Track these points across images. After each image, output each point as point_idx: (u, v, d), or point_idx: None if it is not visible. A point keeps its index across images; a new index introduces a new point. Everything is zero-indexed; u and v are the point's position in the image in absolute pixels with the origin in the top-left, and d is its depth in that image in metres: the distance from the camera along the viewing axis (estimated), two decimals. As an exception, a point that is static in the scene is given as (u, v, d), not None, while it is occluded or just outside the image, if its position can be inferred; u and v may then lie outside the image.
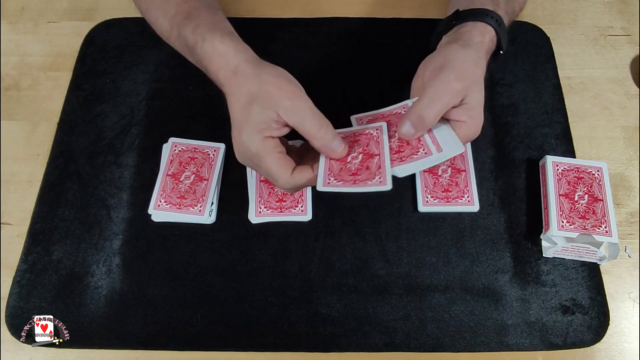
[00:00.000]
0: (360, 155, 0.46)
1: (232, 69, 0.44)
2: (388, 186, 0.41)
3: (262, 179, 0.56)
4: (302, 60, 0.65)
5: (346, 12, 0.69)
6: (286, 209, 0.55)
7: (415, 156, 0.44)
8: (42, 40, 0.68)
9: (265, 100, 0.42)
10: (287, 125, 0.43)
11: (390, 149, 0.45)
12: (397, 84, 0.50)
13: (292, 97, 0.42)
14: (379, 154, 0.46)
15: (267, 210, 0.55)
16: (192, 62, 0.50)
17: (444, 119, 0.45)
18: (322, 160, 0.45)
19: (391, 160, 0.44)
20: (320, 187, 0.44)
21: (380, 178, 0.44)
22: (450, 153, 0.43)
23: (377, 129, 0.46)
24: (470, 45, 0.47)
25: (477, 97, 0.45)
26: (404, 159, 0.44)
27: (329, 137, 0.43)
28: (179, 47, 0.51)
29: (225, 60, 0.45)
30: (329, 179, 0.44)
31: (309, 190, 0.56)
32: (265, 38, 0.66)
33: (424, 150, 0.44)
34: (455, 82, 0.43)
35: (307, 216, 0.55)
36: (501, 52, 0.51)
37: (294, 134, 0.44)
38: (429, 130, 0.45)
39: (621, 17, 0.69)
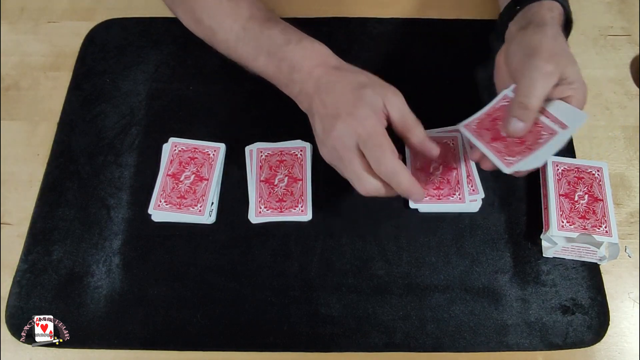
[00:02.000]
0: (286, 178, 0.54)
1: (334, 65, 0.47)
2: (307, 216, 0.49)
3: (262, 179, 0.56)
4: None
5: (346, 12, 0.69)
6: (286, 209, 0.55)
7: (540, 141, 0.43)
8: (42, 40, 0.68)
9: (375, 88, 0.45)
10: (387, 116, 0.45)
11: (505, 146, 0.45)
12: (399, 84, 0.50)
13: (396, 92, 0.46)
14: (301, 179, 0.52)
15: (267, 210, 0.55)
16: (259, 64, 0.49)
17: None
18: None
19: (515, 154, 0.44)
20: (252, 219, 0.53)
21: (302, 207, 0.51)
22: (577, 124, 0.42)
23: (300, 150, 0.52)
24: (544, 24, 0.47)
25: (574, 70, 0.45)
26: (531, 147, 0.43)
27: (425, 134, 0.46)
28: (248, 49, 0.50)
29: (326, 57, 0.48)
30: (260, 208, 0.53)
31: (309, 190, 0.55)
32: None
33: (547, 132, 0.43)
34: (547, 65, 0.44)
35: (307, 216, 0.55)
36: (571, 23, 0.51)
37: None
38: (545, 112, 0.45)
39: (621, 17, 0.69)
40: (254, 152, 0.58)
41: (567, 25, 0.51)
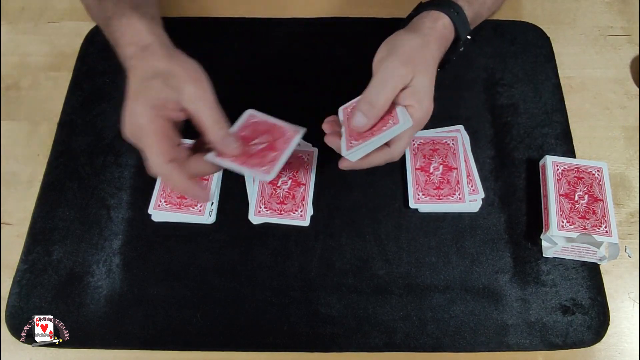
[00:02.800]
0: (290, 181, 0.55)
1: (143, 46, 0.44)
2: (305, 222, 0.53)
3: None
4: (298, 60, 0.65)
5: (345, 12, 0.69)
6: (285, 212, 0.54)
7: (384, 128, 0.44)
8: (42, 40, 0.68)
9: (168, 78, 0.41)
10: (183, 110, 0.42)
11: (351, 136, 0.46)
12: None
13: (197, 83, 0.42)
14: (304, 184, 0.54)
15: (267, 210, 0.55)
16: (106, 34, 0.49)
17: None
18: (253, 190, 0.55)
19: (359, 139, 0.44)
20: (252, 218, 0.54)
21: (301, 212, 0.53)
22: (403, 126, 0.43)
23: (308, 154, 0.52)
24: (417, 31, 0.47)
25: (423, 81, 0.45)
26: (374, 133, 0.44)
27: (223, 133, 0.42)
28: (100, 19, 0.49)
29: (139, 36, 0.44)
30: (259, 207, 0.53)
31: (310, 195, 0.55)
32: (263, 38, 0.66)
33: (394, 121, 0.44)
34: (400, 67, 0.44)
35: (305, 222, 0.54)
36: (461, 41, 0.51)
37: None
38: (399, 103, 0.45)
39: (621, 17, 0.69)
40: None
41: (458, 40, 0.51)
